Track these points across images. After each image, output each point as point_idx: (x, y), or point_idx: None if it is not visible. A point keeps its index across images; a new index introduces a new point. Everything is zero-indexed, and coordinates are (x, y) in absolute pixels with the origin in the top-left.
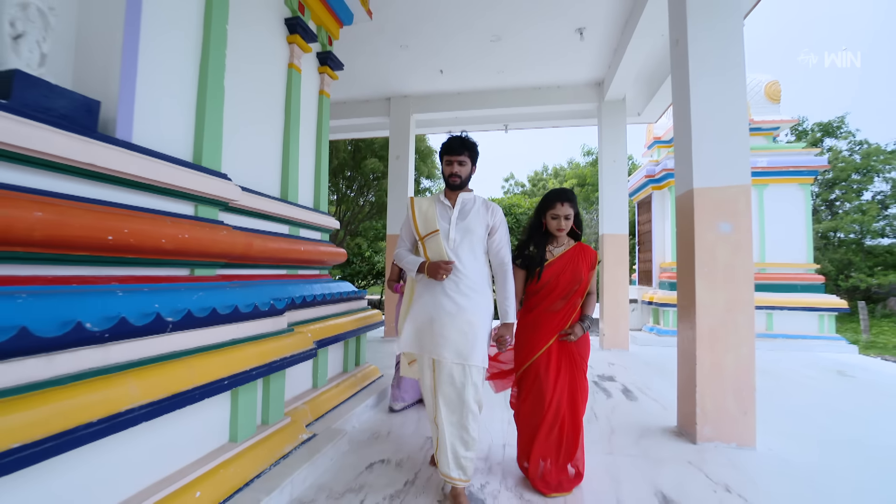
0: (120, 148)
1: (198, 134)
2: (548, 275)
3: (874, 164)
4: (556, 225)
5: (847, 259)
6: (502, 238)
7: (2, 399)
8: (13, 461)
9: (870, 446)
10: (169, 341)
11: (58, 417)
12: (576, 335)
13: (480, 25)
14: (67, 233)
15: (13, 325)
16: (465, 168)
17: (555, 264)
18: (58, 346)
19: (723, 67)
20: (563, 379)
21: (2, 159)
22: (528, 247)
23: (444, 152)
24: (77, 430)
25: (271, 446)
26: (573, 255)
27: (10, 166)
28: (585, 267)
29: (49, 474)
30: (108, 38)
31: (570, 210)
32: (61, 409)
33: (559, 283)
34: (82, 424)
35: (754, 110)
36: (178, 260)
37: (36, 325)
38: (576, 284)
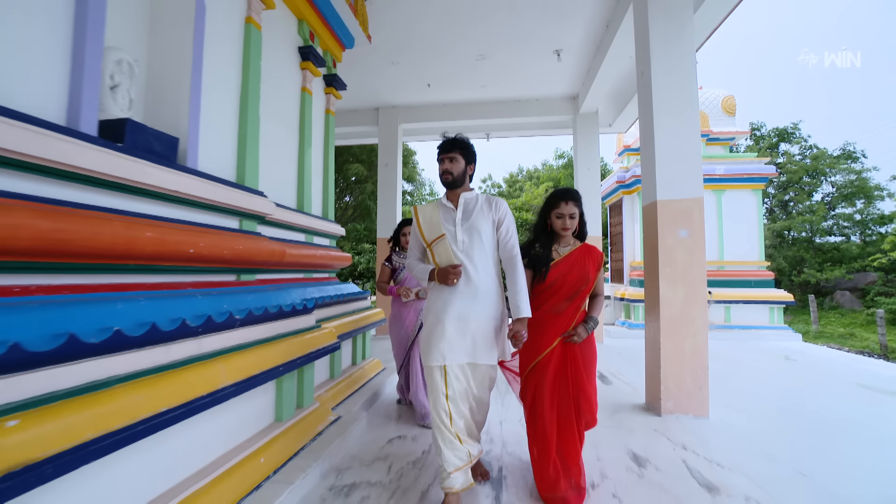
0: (193, 176)
1: (240, 158)
2: (554, 275)
3: (822, 167)
4: (561, 224)
5: (799, 256)
6: (510, 229)
7: (144, 377)
8: (166, 420)
9: (796, 413)
10: (238, 335)
11: (179, 392)
12: (580, 337)
13: (467, 46)
14: (165, 248)
15: (147, 322)
16: (456, 165)
17: (561, 264)
18: (172, 338)
19: (679, 99)
20: (566, 383)
21: (119, 191)
22: (534, 247)
23: (438, 153)
24: (193, 402)
25: (307, 425)
26: (580, 255)
27: (126, 196)
28: (592, 267)
29: (175, 435)
30: (177, 83)
31: (574, 209)
32: (182, 385)
33: (566, 283)
34: (195, 398)
35: (712, 122)
36: (230, 267)
37: (161, 322)
38: (583, 284)
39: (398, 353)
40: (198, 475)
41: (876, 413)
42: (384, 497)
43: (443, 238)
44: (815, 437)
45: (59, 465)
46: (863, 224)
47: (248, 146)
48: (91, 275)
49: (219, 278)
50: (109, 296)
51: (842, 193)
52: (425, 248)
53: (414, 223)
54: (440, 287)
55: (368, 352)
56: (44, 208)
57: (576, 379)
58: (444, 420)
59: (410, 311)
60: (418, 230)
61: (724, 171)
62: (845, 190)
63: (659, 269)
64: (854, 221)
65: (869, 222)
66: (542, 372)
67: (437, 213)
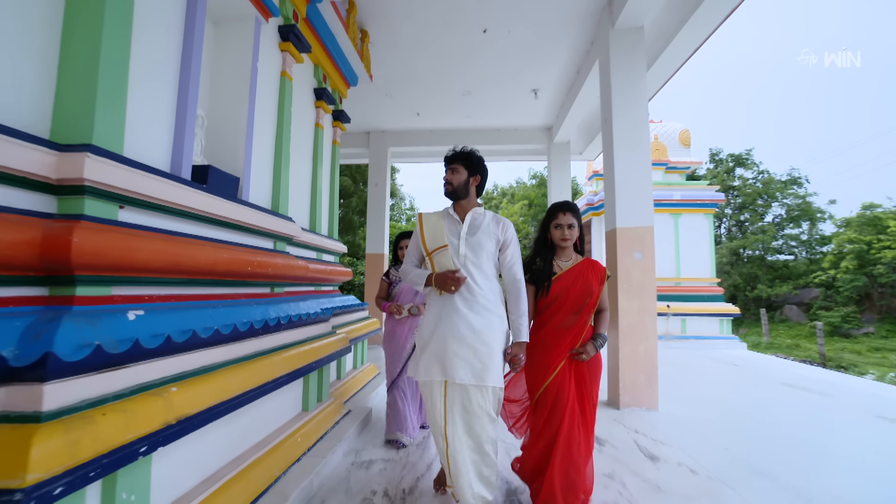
0: (248, 207)
1: (274, 188)
2: (557, 289)
3: (772, 191)
4: (559, 234)
5: (753, 273)
6: (514, 254)
7: (219, 370)
8: (250, 397)
9: (731, 404)
10: (282, 337)
11: (255, 377)
12: (588, 354)
13: (455, 83)
14: (234, 267)
15: (230, 323)
16: (456, 176)
17: (564, 278)
18: (245, 336)
19: (634, 143)
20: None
21: (202, 221)
22: (535, 261)
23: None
24: (263, 386)
25: (327, 416)
26: (582, 269)
27: (205, 225)
28: (595, 280)
29: (244, 414)
30: (235, 131)
31: (572, 219)
32: (255, 373)
33: (569, 297)
34: (263, 383)
35: (671, 153)
36: (268, 281)
37: (239, 324)
38: (587, 298)
39: (391, 370)
40: (258, 446)
41: (790, 404)
42: (397, 469)
43: (445, 249)
44: (740, 422)
45: (204, 417)
46: (808, 244)
47: (281, 178)
48: (187, 287)
49: (260, 290)
50: (204, 303)
51: (790, 215)
52: (424, 257)
53: (416, 229)
54: (438, 301)
55: (366, 357)
56: (171, 238)
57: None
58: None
59: (405, 329)
60: (420, 237)
61: (680, 196)
62: (792, 212)
63: (618, 285)
64: (800, 241)
65: (813, 242)
66: (559, 391)
67: (442, 224)
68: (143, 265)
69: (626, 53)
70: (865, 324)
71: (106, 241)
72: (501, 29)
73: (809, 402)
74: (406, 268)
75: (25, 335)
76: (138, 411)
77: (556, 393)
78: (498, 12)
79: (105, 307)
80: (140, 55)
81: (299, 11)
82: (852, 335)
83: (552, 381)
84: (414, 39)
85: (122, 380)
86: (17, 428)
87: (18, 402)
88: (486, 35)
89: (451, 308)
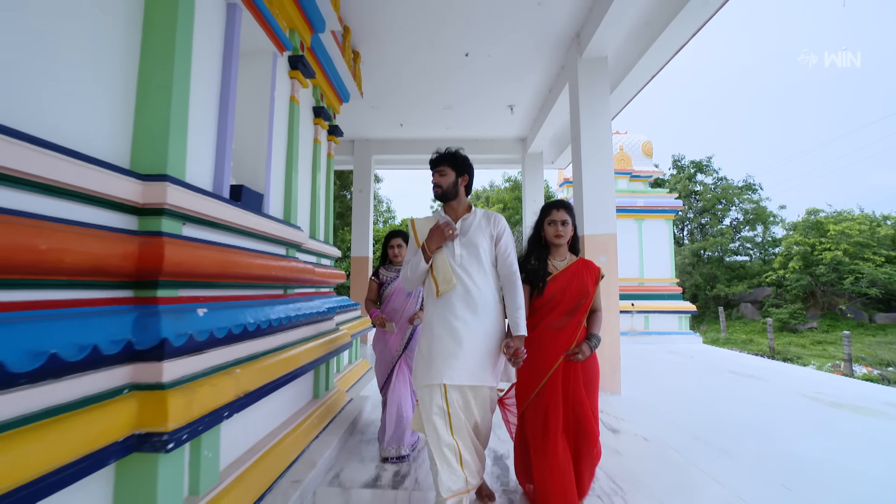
0: (270, 219)
1: (286, 200)
2: (553, 289)
3: (729, 196)
4: (553, 231)
5: (713, 273)
6: (508, 245)
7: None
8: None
9: (683, 389)
10: (300, 332)
11: (284, 367)
12: (584, 354)
13: (437, 98)
14: (261, 272)
15: (253, 322)
16: (445, 178)
17: (559, 278)
18: (272, 332)
19: (599, 160)
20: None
21: (236, 233)
22: (530, 261)
23: (430, 168)
24: (290, 373)
25: (334, 403)
26: (577, 269)
27: (237, 236)
28: (591, 280)
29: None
30: (256, 152)
31: (566, 216)
32: (284, 364)
33: (565, 297)
34: (290, 371)
35: (635, 163)
36: (283, 284)
37: (270, 321)
38: (583, 298)
39: (381, 372)
40: (284, 424)
41: (732, 387)
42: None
43: (440, 250)
44: (689, 403)
45: (258, 394)
46: (762, 246)
47: (292, 192)
48: (229, 289)
49: (276, 292)
50: (242, 303)
51: (746, 219)
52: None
53: (411, 235)
54: (437, 303)
55: (358, 353)
56: (220, 248)
57: (576, 400)
58: (446, 439)
59: (397, 332)
60: (416, 242)
61: (643, 203)
62: (748, 216)
63: None
64: (755, 243)
65: (766, 244)
66: (552, 394)
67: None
68: (203, 271)
69: (592, 79)
70: (810, 319)
71: (183, 253)
72: (481, 52)
73: (748, 386)
74: (403, 271)
75: (136, 326)
76: (219, 385)
77: (550, 395)
78: (479, 37)
79: (180, 306)
80: (194, 94)
81: (305, 42)
82: (798, 330)
83: (547, 383)
84: (401, 58)
85: (206, 361)
86: (152, 394)
87: (144, 375)
88: (467, 56)
89: (448, 309)
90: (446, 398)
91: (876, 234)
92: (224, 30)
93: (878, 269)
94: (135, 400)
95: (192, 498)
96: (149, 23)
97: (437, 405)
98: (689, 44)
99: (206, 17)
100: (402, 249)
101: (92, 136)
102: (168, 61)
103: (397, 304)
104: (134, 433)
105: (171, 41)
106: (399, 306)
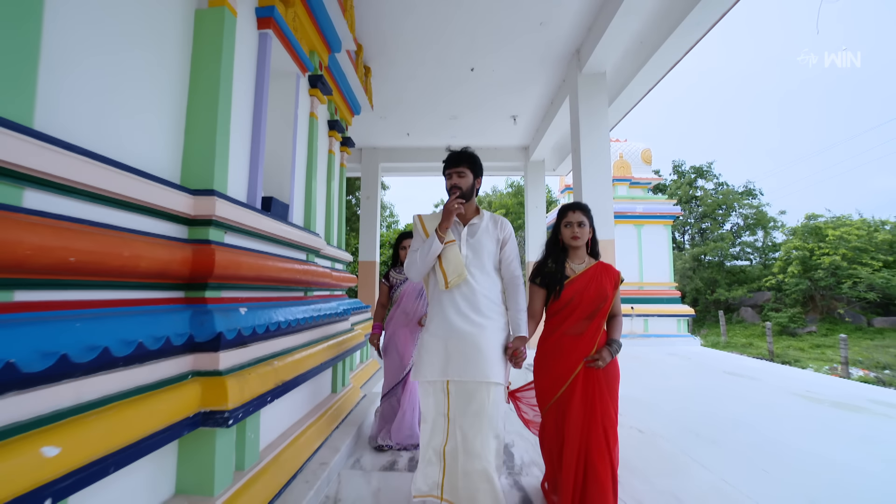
0: (295, 228)
1: (307, 209)
2: (570, 292)
3: (730, 201)
4: (570, 233)
5: (713, 277)
6: (512, 250)
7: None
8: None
9: (679, 388)
10: (322, 331)
11: (310, 361)
12: (604, 361)
13: (442, 109)
14: (291, 275)
15: (285, 320)
16: (464, 179)
17: (577, 281)
18: (300, 329)
19: (598, 169)
20: (594, 414)
21: (266, 240)
22: (547, 264)
23: (444, 168)
24: (315, 368)
25: (350, 397)
26: (596, 272)
27: (267, 243)
28: (610, 284)
29: (297, 391)
30: (282, 167)
31: (582, 217)
32: (311, 359)
33: (583, 301)
34: (315, 366)
35: (634, 170)
36: (304, 287)
37: (299, 320)
38: (601, 302)
39: (390, 379)
40: (307, 416)
41: (726, 387)
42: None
43: (452, 243)
44: (684, 400)
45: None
46: (762, 250)
47: (312, 201)
48: (261, 291)
49: (298, 294)
50: (272, 303)
51: (746, 224)
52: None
53: (419, 230)
54: (441, 300)
55: (369, 353)
56: (255, 254)
57: (603, 408)
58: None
59: (407, 334)
60: (424, 236)
61: (642, 209)
62: (748, 221)
63: None
64: (755, 248)
65: (766, 249)
66: (568, 403)
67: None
68: (243, 275)
69: (591, 93)
70: (809, 323)
71: (228, 258)
72: (486, 68)
73: (742, 385)
74: (409, 260)
75: (193, 322)
76: (262, 374)
77: (568, 404)
78: (484, 54)
79: (225, 305)
80: (234, 116)
81: (323, 62)
82: (798, 334)
83: (566, 391)
84: (409, 73)
85: (250, 353)
86: (212, 379)
87: (203, 363)
88: (472, 71)
89: (453, 306)
90: (448, 396)
91: (874, 238)
92: (256, 57)
93: (876, 274)
94: (198, 384)
95: (238, 472)
96: (197, 55)
97: (439, 403)
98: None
99: (244, 47)
100: None
101: (153, 156)
102: (214, 89)
103: (408, 306)
104: (200, 411)
105: (217, 72)
106: (410, 308)
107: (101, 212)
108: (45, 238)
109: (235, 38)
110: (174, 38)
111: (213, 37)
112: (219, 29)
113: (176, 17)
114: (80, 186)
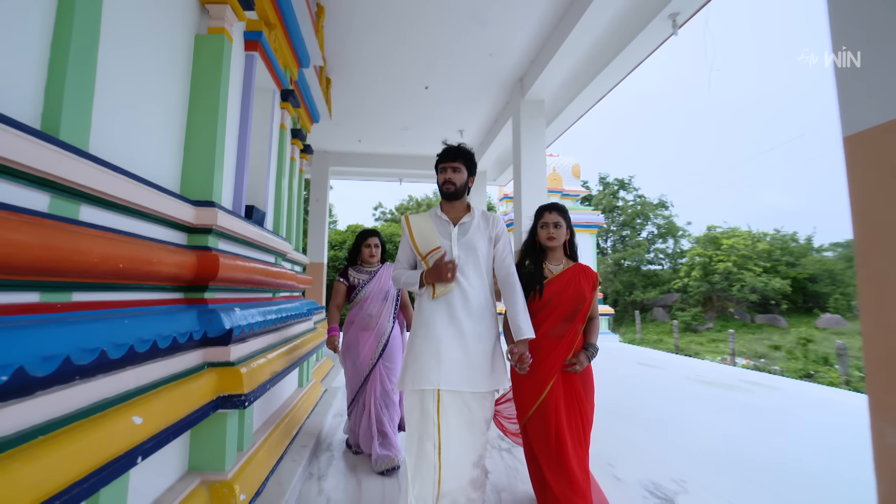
0: (270, 234)
1: (275, 215)
2: (549, 293)
3: (646, 212)
4: (546, 234)
5: (631, 280)
6: (506, 246)
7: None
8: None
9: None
10: (293, 329)
11: (282, 359)
12: (581, 365)
13: (395, 120)
14: (267, 277)
15: (267, 320)
16: (459, 175)
17: (555, 282)
18: (282, 327)
19: (535, 181)
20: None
21: (245, 245)
22: (524, 265)
23: (438, 161)
24: (298, 361)
25: (313, 392)
26: (574, 274)
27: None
28: (588, 285)
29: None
30: (259, 177)
31: (558, 218)
32: (282, 357)
33: (561, 302)
34: (297, 359)
35: (565, 182)
36: (273, 288)
37: (280, 318)
38: (580, 303)
39: (352, 386)
40: (283, 406)
41: (637, 374)
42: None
43: (438, 251)
44: (602, 385)
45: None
46: (672, 256)
47: (281, 207)
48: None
49: (268, 295)
50: (252, 304)
51: (659, 233)
52: (417, 261)
53: (405, 233)
54: (431, 306)
55: (323, 352)
56: (244, 259)
57: (582, 411)
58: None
59: (370, 338)
60: (411, 241)
61: (573, 219)
62: (661, 230)
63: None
64: (666, 254)
65: (675, 255)
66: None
67: (431, 225)
68: (237, 278)
69: (531, 116)
70: (708, 321)
71: (227, 264)
72: (440, 86)
73: (651, 373)
74: (397, 273)
75: (201, 320)
76: (261, 365)
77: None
78: (439, 74)
79: (223, 305)
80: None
81: (293, 76)
82: (698, 330)
83: (547, 396)
84: (367, 86)
85: (250, 348)
86: (226, 369)
87: (215, 356)
88: (426, 89)
89: (444, 311)
90: (438, 405)
91: (756, 248)
92: (243, 76)
93: (757, 278)
94: (214, 373)
95: (239, 453)
96: (197, 76)
97: (427, 413)
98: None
99: (234, 68)
100: (380, 250)
101: (159, 169)
102: (213, 108)
103: (373, 309)
104: (219, 395)
105: (217, 91)
106: (375, 311)
107: (124, 221)
108: (106, 247)
109: (231, 61)
110: (179, 61)
111: (212, 60)
112: (218, 53)
113: (181, 42)
114: (117, 200)
